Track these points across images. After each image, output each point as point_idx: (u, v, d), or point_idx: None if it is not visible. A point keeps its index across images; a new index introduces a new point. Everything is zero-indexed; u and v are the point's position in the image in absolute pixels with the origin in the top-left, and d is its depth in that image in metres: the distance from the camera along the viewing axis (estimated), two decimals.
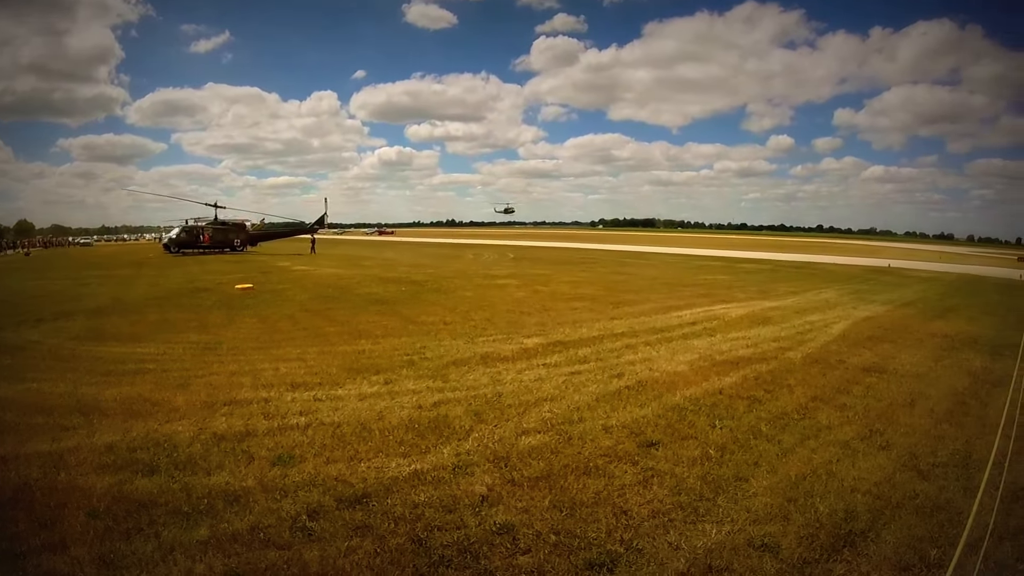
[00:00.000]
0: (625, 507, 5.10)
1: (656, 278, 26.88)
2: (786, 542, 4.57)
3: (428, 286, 21.66)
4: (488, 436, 6.58)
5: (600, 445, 6.41)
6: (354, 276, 25.78)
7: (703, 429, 6.98)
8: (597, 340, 11.78)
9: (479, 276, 26.30)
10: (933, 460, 6.23)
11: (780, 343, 12.01)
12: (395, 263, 35.31)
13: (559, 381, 8.74)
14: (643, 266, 35.54)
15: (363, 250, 53.55)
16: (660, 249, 57.69)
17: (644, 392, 8.36)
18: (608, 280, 25.40)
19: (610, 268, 33.09)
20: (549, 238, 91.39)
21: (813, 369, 9.96)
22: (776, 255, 51.48)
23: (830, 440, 6.75)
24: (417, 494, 5.25)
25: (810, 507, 5.13)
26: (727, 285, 24.07)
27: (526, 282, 23.46)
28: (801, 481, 5.65)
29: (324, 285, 22.11)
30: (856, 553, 4.46)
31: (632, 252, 52.07)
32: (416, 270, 29.49)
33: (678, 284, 24.19)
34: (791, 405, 7.96)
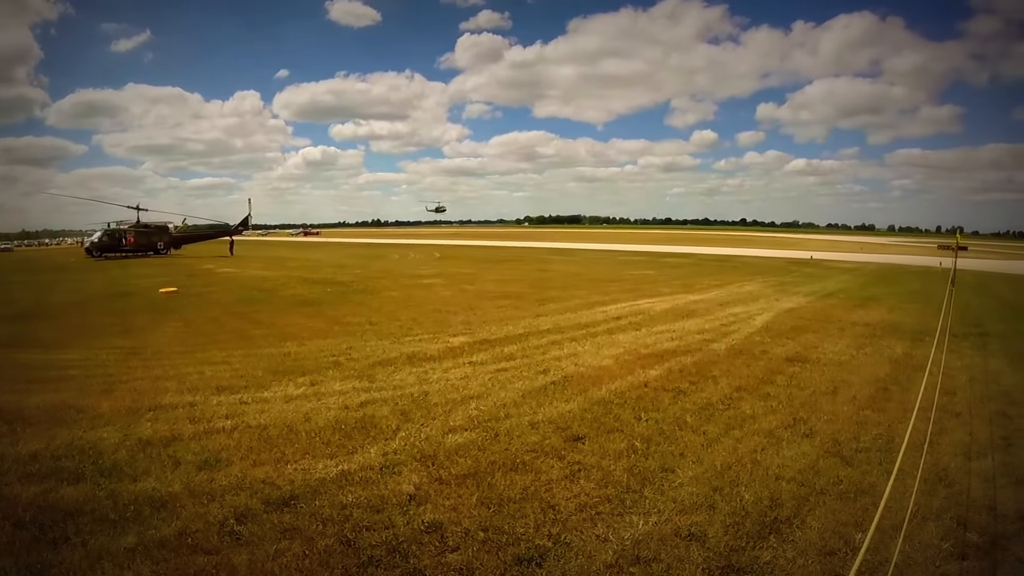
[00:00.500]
0: (552, 502, 5.70)
1: (581, 274, 29.95)
2: (712, 531, 5.21)
3: (354, 287, 23.84)
4: (415, 435, 7.29)
5: (527, 441, 7.14)
6: (280, 278, 28.28)
7: (629, 422, 7.84)
8: (523, 337, 13.14)
9: (405, 276, 28.96)
10: (856, 446, 7.19)
11: (704, 335, 13.53)
12: (321, 264, 38.65)
13: (485, 379, 9.74)
14: (568, 263, 39.19)
15: (288, 251, 58.30)
16: (586, 245, 63.66)
17: (570, 387, 9.34)
18: (534, 277, 28.41)
19: (536, 265, 36.58)
20: (475, 237, 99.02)
21: (737, 360, 11.24)
22: (700, 249, 57.62)
23: (755, 429, 7.67)
24: (345, 495, 5.78)
25: (736, 496, 5.84)
26: (652, 280, 27.14)
27: (452, 281, 26.02)
28: (727, 470, 6.42)
29: (249, 287, 24.20)
30: (782, 539, 5.12)
31: (558, 249, 57.12)
32: (342, 271, 32.33)
33: (603, 280, 26.98)
34: (716, 396, 8.99)
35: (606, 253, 52.33)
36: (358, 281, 26.44)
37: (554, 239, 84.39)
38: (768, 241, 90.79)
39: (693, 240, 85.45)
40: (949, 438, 7.81)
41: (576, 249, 58.74)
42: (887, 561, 4.93)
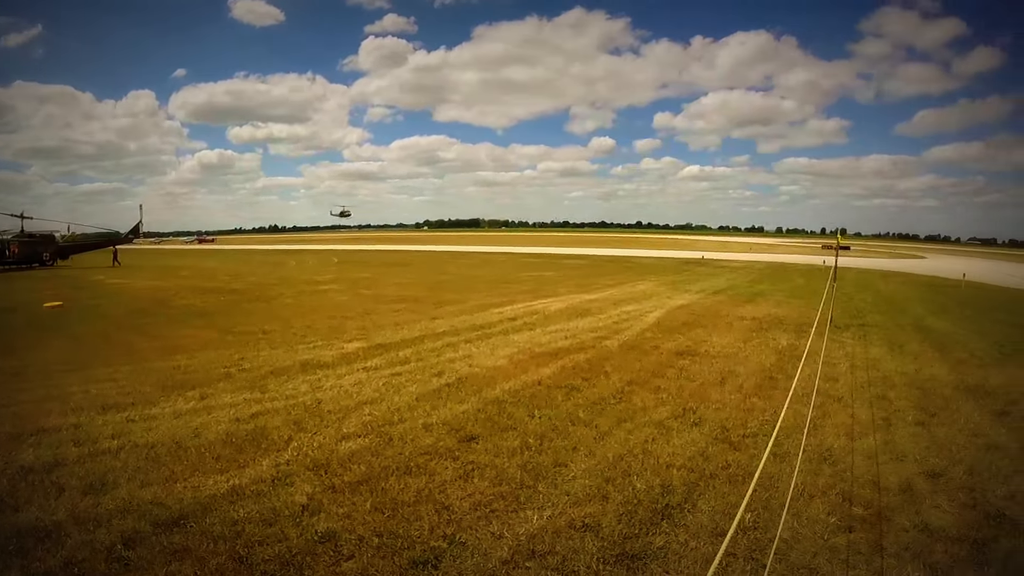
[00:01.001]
0: (447, 502, 5.76)
1: (479, 277, 30.48)
2: (606, 520, 5.39)
3: (249, 295, 23.43)
4: (308, 444, 7.21)
5: (421, 444, 7.19)
6: (172, 288, 27.21)
7: (522, 420, 8.02)
8: (418, 341, 13.23)
9: (301, 282, 28.75)
10: (743, 432, 7.63)
11: (598, 333, 14.03)
12: (215, 272, 37.54)
13: (379, 384, 9.74)
14: (467, 266, 39.69)
15: (182, 260, 56.22)
16: (485, 248, 64.76)
17: (464, 388, 9.47)
18: (432, 281, 28.59)
19: (434, 269, 36.85)
20: (375, 241, 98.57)
21: (629, 356, 11.70)
22: (598, 251, 60.16)
23: (646, 421, 8.00)
24: (236, 510, 5.63)
25: (628, 485, 6.07)
26: (548, 281, 27.96)
27: (349, 286, 25.99)
28: (618, 461, 6.65)
29: (140, 299, 23.29)
30: (674, 524, 5.36)
31: (457, 252, 57.80)
32: (237, 279, 31.59)
33: (501, 282, 27.55)
34: (608, 391, 9.32)
35: (505, 256, 53.28)
36: (253, 289, 25.94)
37: (454, 243, 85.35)
38: (663, 242, 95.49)
39: (591, 242, 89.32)
40: (832, 421, 8.40)
41: (475, 252, 59.44)
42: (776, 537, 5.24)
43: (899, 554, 5.16)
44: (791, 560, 5.01)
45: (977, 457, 7.35)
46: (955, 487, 6.51)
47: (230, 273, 36.87)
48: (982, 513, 5.94)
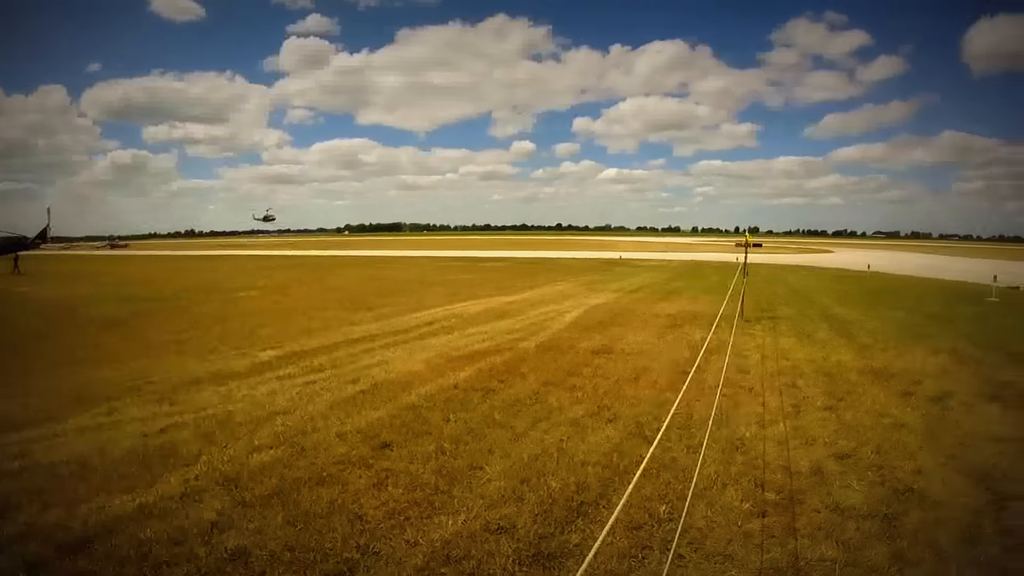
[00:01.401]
0: (360, 512, 5.62)
1: (399, 281, 30.18)
2: (522, 521, 5.35)
3: (162, 303, 22.48)
4: (218, 458, 6.92)
5: (334, 453, 7.01)
6: (81, 296, 25.79)
7: (438, 424, 7.94)
8: (334, 347, 12.97)
9: (217, 289, 27.64)
10: (657, 426, 7.58)
11: (515, 334, 14.09)
12: (128, 280, 35.86)
13: (293, 393, 9.50)
14: (387, 270, 39.25)
15: (93, 266, 53.04)
16: (406, 253, 64.36)
17: (379, 394, 9.32)
18: (350, 286, 28.09)
19: (354, 274, 36.25)
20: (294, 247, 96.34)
21: (546, 356, 11.77)
22: (518, 253, 60.69)
23: (561, 420, 8.02)
24: (144, 530, 5.34)
25: (543, 485, 6.04)
26: (468, 284, 27.92)
27: (266, 293, 25.34)
28: (534, 462, 6.64)
29: (46, 308, 22.26)
30: (589, 521, 5.35)
31: (378, 257, 57.07)
32: (150, 286, 30.28)
33: (420, 285, 27.33)
34: (524, 392, 9.34)
35: (426, 260, 53.02)
36: (167, 297, 24.90)
37: (375, 247, 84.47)
38: (582, 244, 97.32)
39: (512, 245, 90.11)
40: (744, 410, 8.64)
41: (396, 256, 59.08)
42: (691, 527, 5.30)
43: (812, 534, 5.29)
44: (706, 548, 5.06)
45: (884, 436, 7.68)
46: (864, 466, 6.76)
47: (143, 280, 35.51)
48: (891, 489, 6.19)
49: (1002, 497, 6.09)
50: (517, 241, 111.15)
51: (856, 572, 4.76)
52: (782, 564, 4.85)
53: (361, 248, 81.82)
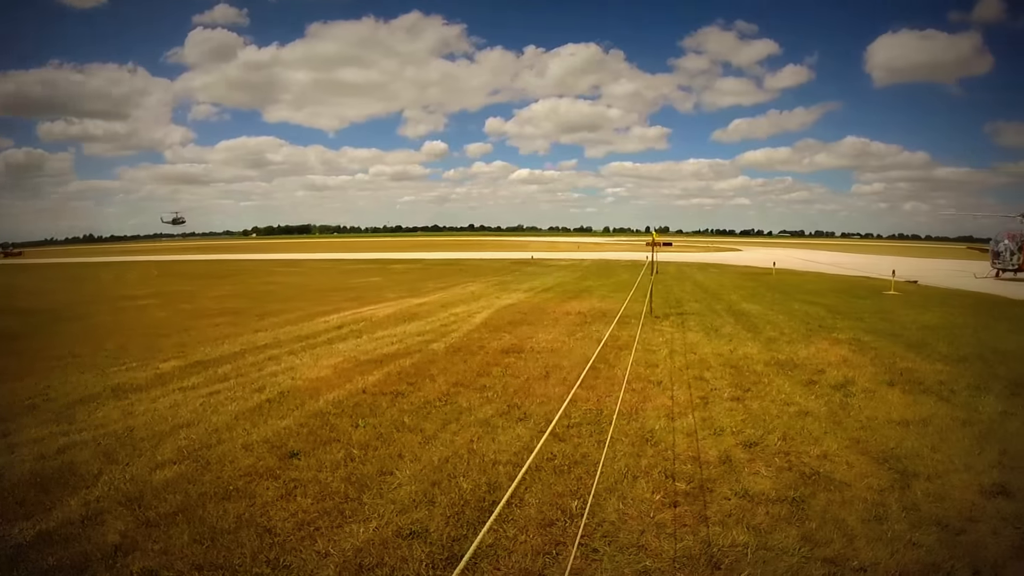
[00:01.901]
0: (269, 525, 5.46)
1: (306, 285, 29.72)
2: (434, 525, 5.30)
3: (58, 314, 21.30)
4: (119, 477, 6.59)
5: (240, 465, 6.78)
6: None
7: (346, 431, 7.79)
8: (239, 355, 12.58)
9: (117, 298, 26.63)
10: (568, 422, 7.79)
11: (425, 336, 14.02)
12: (18, 289, 34.28)
13: (196, 404, 9.15)
14: (294, 274, 38.48)
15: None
16: (314, 256, 63.18)
17: (286, 402, 9.09)
18: (256, 291, 27.45)
19: (260, 279, 35.37)
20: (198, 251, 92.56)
21: (455, 357, 11.73)
22: (429, 254, 60.70)
23: (471, 421, 8.00)
24: (45, 559, 5.05)
25: (454, 487, 6.01)
26: (378, 287, 27.71)
27: (168, 301, 24.43)
28: (445, 464, 6.59)
29: None
30: (502, 521, 5.32)
31: (285, 260, 55.86)
32: (45, 297, 28.79)
33: (328, 290, 26.94)
34: (434, 394, 9.27)
35: (334, 262, 52.30)
36: (63, 307, 23.56)
37: (282, 250, 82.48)
38: (494, 244, 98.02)
39: (423, 246, 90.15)
40: (653, 404, 8.80)
41: (304, 260, 57.95)
42: (604, 520, 5.35)
43: (723, 521, 5.42)
44: (620, 541, 5.11)
45: (790, 424, 7.98)
46: (771, 453, 7.00)
47: (37, 290, 33.71)
48: (798, 474, 6.43)
49: (905, 476, 6.42)
50: (429, 242, 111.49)
51: (767, 555, 4.89)
52: (695, 552, 4.95)
53: (269, 251, 79.95)
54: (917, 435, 7.67)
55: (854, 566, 4.77)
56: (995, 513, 5.64)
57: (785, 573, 4.67)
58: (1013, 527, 5.36)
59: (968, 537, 5.22)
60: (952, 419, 8.33)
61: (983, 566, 4.78)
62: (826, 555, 4.91)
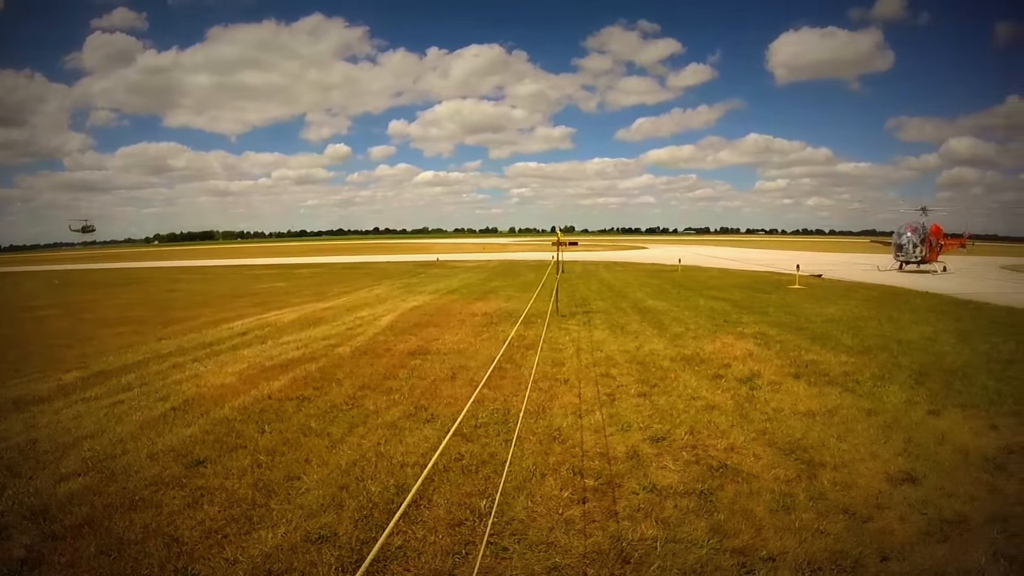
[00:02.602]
0: (176, 534, 5.35)
1: (210, 292, 28.95)
2: (342, 528, 5.29)
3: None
4: (23, 491, 6.40)
5: (145, 475, 6.63)
6: None
7: (252, 437, 7.69)
8: (143, 364, 12.22)
9: (15, 309, 25.78)
10: (475, 422, 7.87)
11: (330, 341, 13.91)
12: None
13: (100, 415, 8.89)
14: (198, 281, 37.45)
15: None
16: (218, 262, 61.71)
17: (191, 410, 8.91)
18: (160, 299, 26.65)
19: (163, 286, 34.36)
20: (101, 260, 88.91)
21: (361, 361, 11.69)
22: (334, 258, 60.29)
23: (378, 423, 7.98)
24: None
25: (362, 490, 5.99)
26: (282, 292, 27.39)
27: (70, 310, 23.61)
28: (352, 467, 6.57)
29: None
30: (411, 522, 5.34)
31: (189, 267, 54.23)
32: None
33: (233, 296, 26.39)
34: (340, 398, 9.23)
35: (239, 268, 51.30)
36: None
37: (186, 257, 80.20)
38: (400, 247, 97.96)
39: (328, 250, 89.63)
40: (560, 402, 8.94)
41: (208, 266, 56.49)
42: (513, 519, 5.40)
43: (632, 516, 5.53)
44: (529, 538, 5.16)
45: (697, 418, 8.22)
46: (678, 447, 7.19)
47: None
48: (705, 467, 6.62)
49: (812, 466, 6.67)
50: (334, 246, 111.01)
51: (677, 548, 5.00)
52: (604, 547, 5.03)
53: (172, 259, 77.47)
54: (823, 426, 7.99)
55: (763, 556, 4.91)
56: (902, 500, 5.89)
57: (695, 565, 4.78)
58: (920, 513, 5.61)
59: (875, 524, 5.44)
60: (857, 409, 8.70)
61: (891, 552, 4.97)
62: (735, 546, 5.05)
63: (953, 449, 7.20)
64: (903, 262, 38.75)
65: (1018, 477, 6.45)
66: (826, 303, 20.94)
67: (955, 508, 5.72)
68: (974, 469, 6.66)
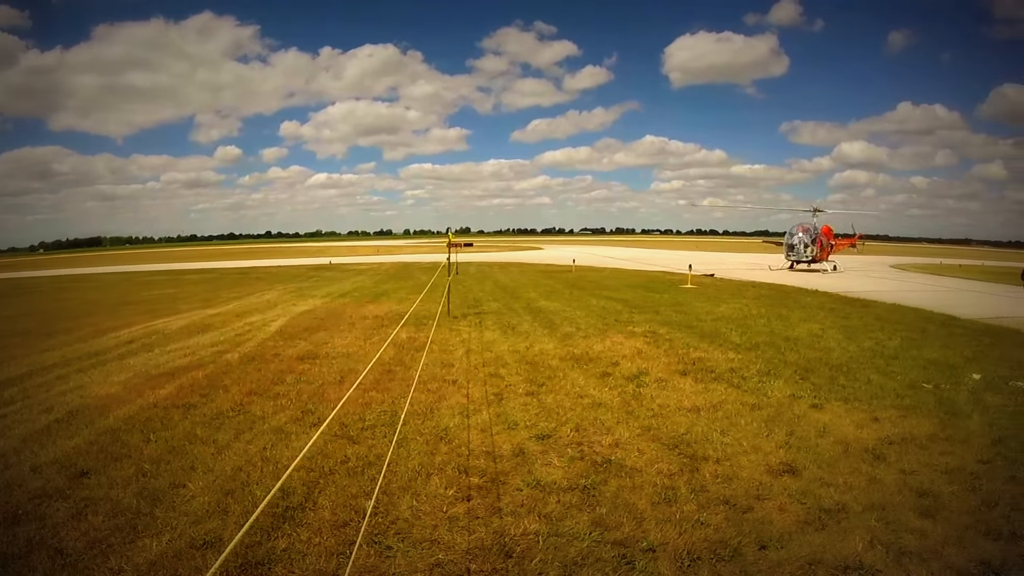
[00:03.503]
0: (60, 546, 5.25)
1: (97, 301, 27.67)
2: (227, 533, 5.29)
3: None
4: None
5: (28, 488, 6.45)
6: None
7: (137, 446, 7.55)
8: (26, 377, 11.75)
9: None
10: (362, 425, 7.96)
11: (219, 347, 13.65)
12: None
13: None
14: (85, 289, 35.68)
15: None
16: (106, 269, 59.01)
17: (75, 421, 8.64)
18: (44, 309, 25.45)
19: (48, 296, 32.97)
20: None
21: (249, 367, 11.56)
22: (224, 263, 58.59)
23: (265, 429, 7.96)
24: None
25: (248, 495, 6.01)
26: (171, 298, 26.42)
27: None
28: (238, 473, 6.57)
29: None
30: (296, 525, 5.41)
31: (75, 275, 51.22)
32: None
33: (120, 303, 25.27)
34: (227, 404, 9.13)
35: (127, 275, 48.95)
36: None
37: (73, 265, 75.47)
38: (293, 251, 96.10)
39: (219, 255, 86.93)
40: (448, 403, 9.10)
41: (96, 274, 53.48)
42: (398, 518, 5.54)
43: (515, 512, 5.72)
44: (413, 536, 5.27)
45: (583, 416, 8.49)
46: (564, 444, 7.43)
47: None
48: (590, 463, 6.86)
49: (695, 459, 6.99)
50: (225, 251, 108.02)
51: (559, 541, 5.21)
52: (488, 542, 5.19)
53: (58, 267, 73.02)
54: (707, 421, 8.35)
55: (643, 547, 5.14)
56: (782, 490, 6.22)
57: (576, 557, 4.98)
58: (799, 503, 5.96)
59: (755, 514, 5.74)
60: (742, 404, 9.11)
61: (769, 541, 5.26)
62: (616, 538, 5.28)
63: (834, 441, 7.64)
64: (794, 261, 40.61)
65: (897, 467, 6.88)
66: (717, 302, 21.71)
67: (834, 497, 6.08)
68: (854, 460, 7.07)
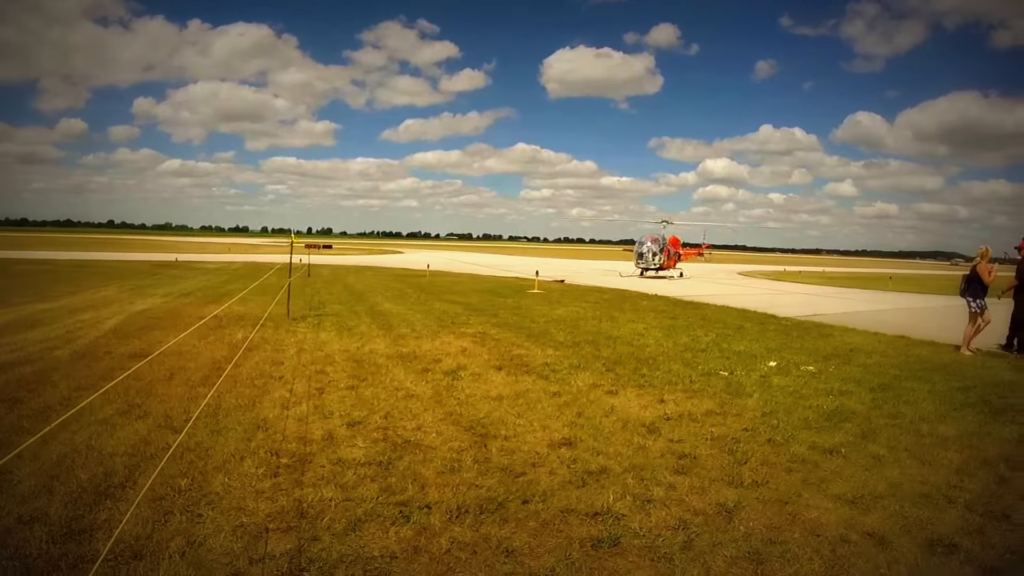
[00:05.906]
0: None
1: None
2: (53, 510, 5.89)
3: None
4: None
5: None
6: None
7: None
8: None
9: None
10: (186, 417, 8.64)
11: (48, 343, 13.81)
12: None
13: None
14: None
15: None
16: None
17: None
18: None
19: None
20: None
21: (79, 363, 11.92)
22: (60, 254, 56.27)
23: (91, 421, 8.55)
24: None
25: (73, 478, 6.63)
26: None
27: None
28: (64, 459, 7.16)
29: None
30: (116, 500, 6.16)
31: None
32: None
33: None
34: (55, 399, 9.58)
35: None
36: None
37: None
38: (138, 244, 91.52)
39: (54, 244, 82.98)
40: (271, 396, 9.98)
41: None
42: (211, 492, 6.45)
43: (315, 484, 6.70)
44: (222, 506, 6.16)
45: (395, 405, 9.60)
46: (371, 429, 8.51)
47: None
48: (391, 444, 7.96)
49: (486, 438, 8.24)
50: (61, 239, 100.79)
51: (349, 504, 6.23)
52: (288, 508, 6.15)
53: None
54: (508, 406, 9.60)
55: (420, 505, 6.24)
56: (556, 460, 7.49)
57: (361, 515, 6.00)
58: (568, 467, 7.25)
59: (526, 478, 6.95)
60: (544, 392, 10.38)
61: (532, 497, 6.49)
62: (399, 500, 6.36)
63: (616, 419, 9.04)
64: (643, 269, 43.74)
65: (667, 437, 8.34)
66: (557, 305, 23.38)
67: (600, 463, 7.41)
68: (629, 434, 8.45)
